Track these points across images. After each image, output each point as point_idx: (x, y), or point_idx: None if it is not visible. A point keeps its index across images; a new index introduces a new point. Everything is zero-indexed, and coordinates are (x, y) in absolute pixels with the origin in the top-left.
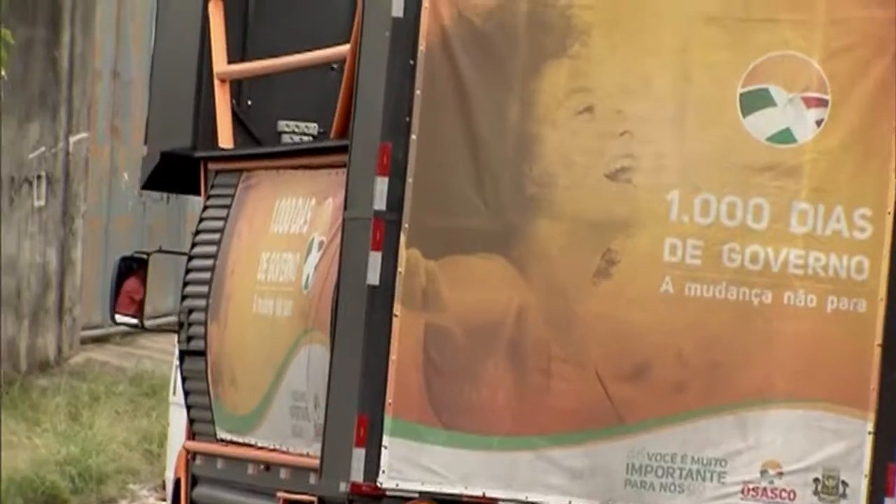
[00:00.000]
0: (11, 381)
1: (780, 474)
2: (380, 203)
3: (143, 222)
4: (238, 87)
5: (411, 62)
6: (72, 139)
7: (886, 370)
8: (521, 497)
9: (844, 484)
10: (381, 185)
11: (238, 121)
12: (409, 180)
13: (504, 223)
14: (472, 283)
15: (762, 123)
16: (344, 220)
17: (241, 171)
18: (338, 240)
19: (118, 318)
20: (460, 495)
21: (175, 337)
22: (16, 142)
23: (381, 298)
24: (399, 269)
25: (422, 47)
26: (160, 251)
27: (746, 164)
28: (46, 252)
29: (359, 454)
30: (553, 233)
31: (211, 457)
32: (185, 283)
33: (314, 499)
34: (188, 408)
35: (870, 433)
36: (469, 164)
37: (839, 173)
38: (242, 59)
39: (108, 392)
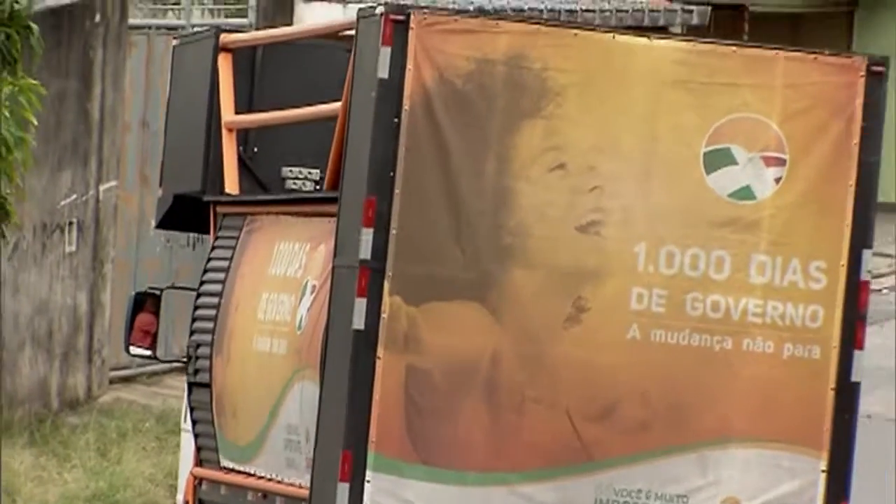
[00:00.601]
0: (42, 419)
1: None
2: (365, 252)
3: (170, 266)
4: (245, 135)
5: (396, 120)
6: (102, 187)
7: (839, 412)
8: None
9: None
10: (367, 235)
11: (244, 166)
12: (393, 231)
13: (481, 272)
14: (451, 327)
15: (724, 181)
16: (333, 267)
17: (245, 214)
18: (328, 284)
19: (132, 349)
20: None
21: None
22: (48, 190)
23: (366, 342)
24: (383, 315)
25: (406, 107)
26: (172, 287)
27: (709, 219)
28: (77, 295)
29: (343, 488)
30: (527, 281)
31: (215, 483)
32: (194, 319)
33: None
34: (195, 436)
35: (823, 471)
36: (449, 217)
37: (796, 228)
38: (249, 110)
39: (135, 429)
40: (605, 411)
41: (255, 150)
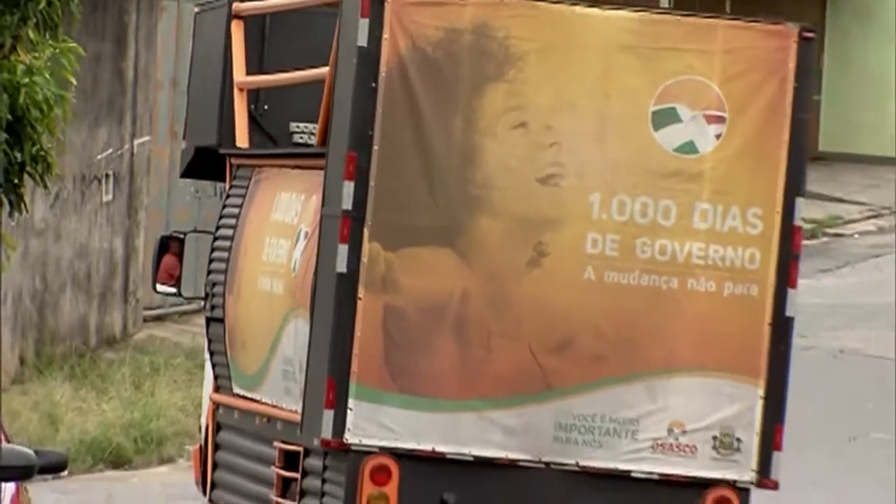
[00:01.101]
0: (82, 354)
1: (684, 432)
2: (347, 203)
3: (199, 214)
4: (256, 93)
5: (374, 84)
6: (136, 141)
7: (775, 344)
8: (465, 451)
9: (739, 441)
10: (348, 188)
11: (255, 122)
12: (372, 184)
13: (451, 220)
14: (424, 270)
15: (670, 137)
16: (321, 216)
17: (253, 166)
18: (318, 232)
19: (159, 287)
20: (413, 450)
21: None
22: (86, 144)
23: (348, 284)
24: (363, 259)
25: (382, 72)
26: (195, 231)
27: (656, 171)
28: (113, 241)
29: (329, 415)
30: (492, 228)
31: (230, 408)
32: (210, 260)
33: (301, 449)
34: (213, 365)
35: (761, 398)
36: (421, 171)
37: (735, 179)
38: (260, 71)
39: (167, 364)
40: (563, 344)
41: (266, 107)
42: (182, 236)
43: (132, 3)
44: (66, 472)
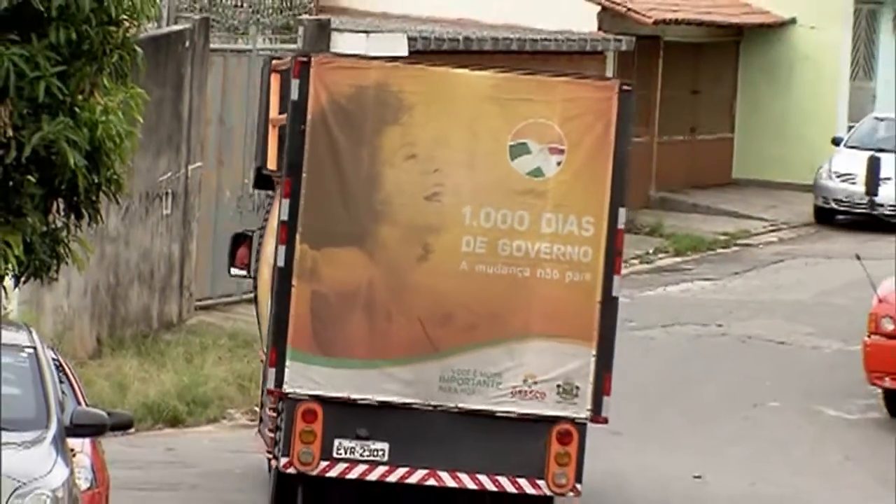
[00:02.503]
0: (146, 335)
1: (535, 382)
2: (284, 215)
3: (241, 225)
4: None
5: (302, 127)
6: (189, 167)
7: (604, 317)
8: (372, 398)
9: (577, 388)
10: (285, 203)
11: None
12: (302, 201)
13: (360, 227)
14: (340, 265)
15: (523, 164)
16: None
17: (278, 183)
18: None
19: (233, 272)
20: (333, 397)
21: None
22: (150, 169)
23: (285, 275)
24: (295, 256)
25: (308, 118)
26: (258, 230)
27: (513, 190)
28: (171, 246)
29: (272, 371)
30: (391, 233)
31: (262, 360)
32: (256, 252)
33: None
34: (259, 327)
35: (593, 356)
36: (338, 191)
37: (572, 195)
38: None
39: (213, 344)
40: (445, 319)
41: None
42: (250, 234)
43: (187, 58)
44: (132, 430)
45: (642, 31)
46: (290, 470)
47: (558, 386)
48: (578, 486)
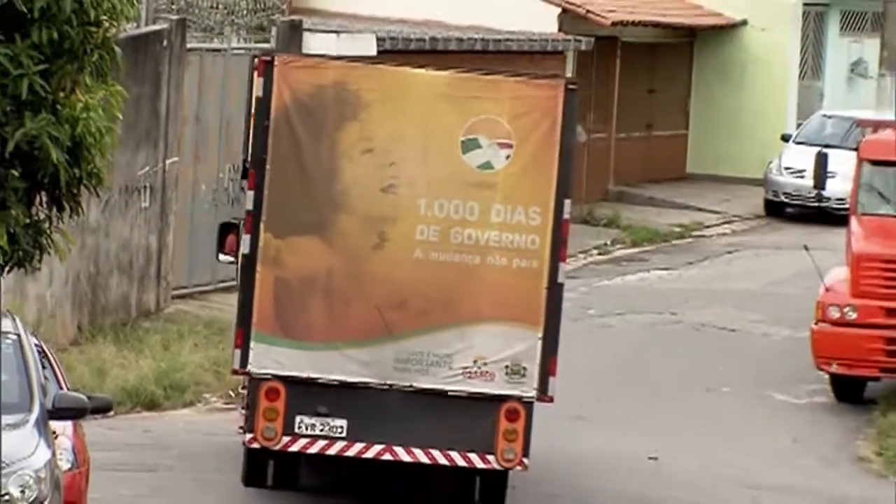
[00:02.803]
0: (125, 323)
1: (485, 363)
2: (249, 205)
3: (216, 217)
4: None
5: (266, 123)
6: (167, 162)
7: (550, 302)
8: (331, 377)
9: (525, 369)
10: (251, 195)
11: None
12: (266, 192)
13: (320, 217)
14: (302, 252)
15: (474, 158)
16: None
17: None
18: None
19: (221, 257)
20: (294, 377)
21: None
22: (129, 164)
23: (250, 261)
24: (260, 244)
25: (272, 115)
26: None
27: (465, 182)
28: (149, 237)
29: (237, 353)
30: (349, 223)
31: None
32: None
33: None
34: None
35: (539, 339)
36: (300, 183)
37: (520, 187)
38: None
39: (190, 332)
40: (400, 304)
41: None
42: (237, 222)
43: (165, 57)
44: (112, 413)
45: (601, 32)
46: (255, 445)
47: (506, 367)
48: (526, 460)
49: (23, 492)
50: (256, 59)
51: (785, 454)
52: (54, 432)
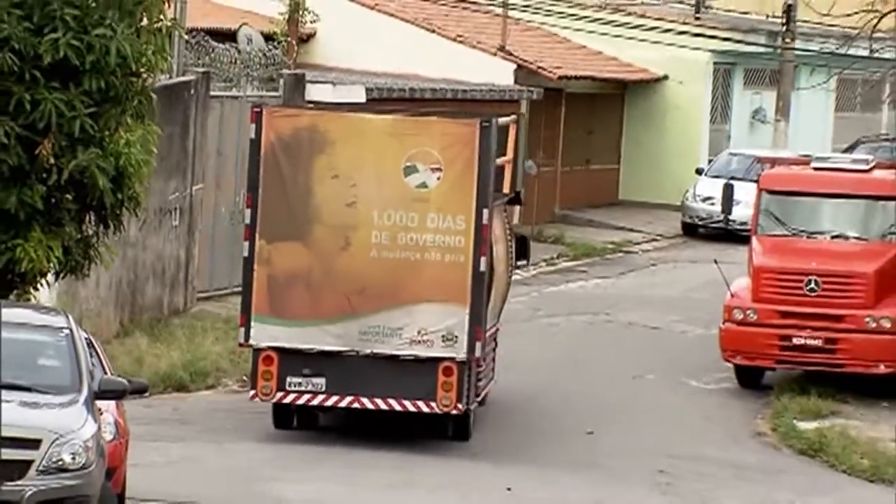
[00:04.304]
0: (158, 320)
1: (427, 334)
2: (247, 219)
3: (234, 234)
4: None
5: (258, 157)
6: (194, 188)
7: (474, 286)
8: (312, 347)
9: (456, 337)
10: (248, 212)
11: None
12: (259, 209)
13: (300, 228)
14: (287, 255)
15: (413, 180)
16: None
17: None
18: None
19: None
20: (284, 347)
21: None
22: (163, 189)
23: (250, 262)
24: (256, 248)
25: (263, 151)
26: None
27: (407, 198)
28: (178, 250)
29: (242, 330)
30: (322, 231)
31: None
32: None
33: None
34: None
35: (467, 314)
36: (284, 202)
37: (449, 201)
38: None
39: (211, 327)
40: (362, 290)
41: None
42: None
43: (192, 102)
44: (147, 394)
45: (549, 84)
46: (256, 400)
47: (443, 336)
48: (460, 405)
49: (73, 458)
50: (251, 110)
51: (698, 430)
52: (100, 410)
